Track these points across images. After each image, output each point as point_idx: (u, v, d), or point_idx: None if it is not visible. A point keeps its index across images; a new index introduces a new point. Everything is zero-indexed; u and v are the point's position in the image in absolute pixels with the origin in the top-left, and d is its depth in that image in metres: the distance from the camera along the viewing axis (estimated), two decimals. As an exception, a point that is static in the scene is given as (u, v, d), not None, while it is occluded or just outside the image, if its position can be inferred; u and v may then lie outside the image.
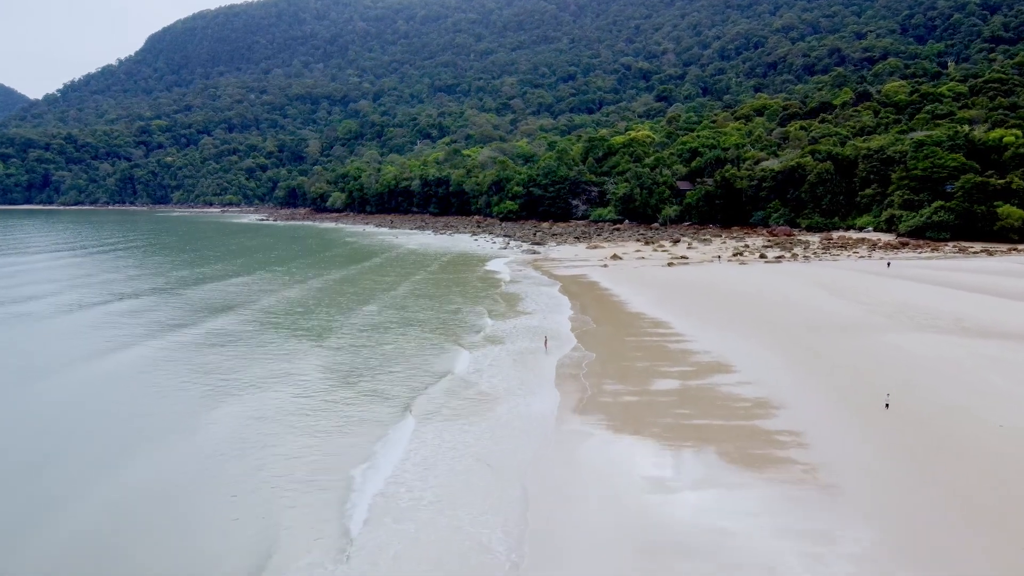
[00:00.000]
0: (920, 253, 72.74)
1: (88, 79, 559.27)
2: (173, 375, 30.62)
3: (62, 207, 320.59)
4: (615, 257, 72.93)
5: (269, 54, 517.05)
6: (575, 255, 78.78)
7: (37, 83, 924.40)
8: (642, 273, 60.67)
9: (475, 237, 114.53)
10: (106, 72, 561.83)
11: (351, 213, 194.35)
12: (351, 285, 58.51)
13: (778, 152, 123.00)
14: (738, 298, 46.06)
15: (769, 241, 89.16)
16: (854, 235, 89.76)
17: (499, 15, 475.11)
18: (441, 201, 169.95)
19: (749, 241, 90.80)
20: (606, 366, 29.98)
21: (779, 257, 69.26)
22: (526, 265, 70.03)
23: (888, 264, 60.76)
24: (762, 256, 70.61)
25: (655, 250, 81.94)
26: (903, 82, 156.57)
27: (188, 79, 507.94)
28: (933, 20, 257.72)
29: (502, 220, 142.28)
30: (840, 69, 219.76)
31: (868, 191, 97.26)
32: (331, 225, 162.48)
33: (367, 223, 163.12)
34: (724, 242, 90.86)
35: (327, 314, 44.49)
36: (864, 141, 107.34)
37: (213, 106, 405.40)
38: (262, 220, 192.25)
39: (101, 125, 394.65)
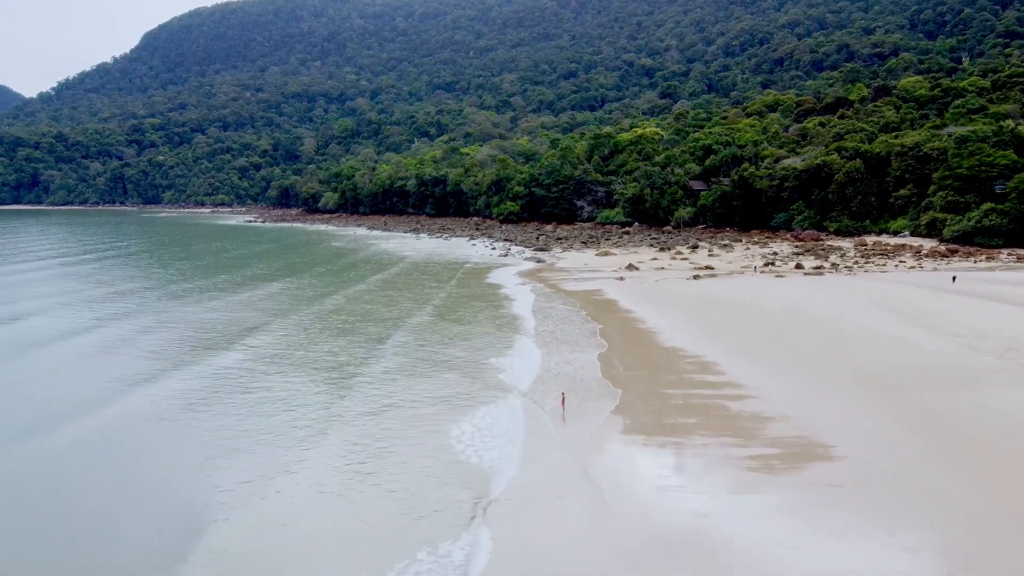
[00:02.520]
0: (975, 262, 64.35)
1: (83, 77, 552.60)
2: (146, 458, 22.27)
3: (51, 207, 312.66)
4: (631, 267, 64.52)
5: (266, 52, 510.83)
6: (584, 264, 70.37)
7: (34, 81, 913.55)
8: (666, 289, 52.21)
9: (473, 242, 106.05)
10: (101, 70, 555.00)
11: (344, 214, 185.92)
12: (344, 317, 50.12)
13: (798, 150, 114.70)
14: (792, 325, 37.66)
15: (797, 247, 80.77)
16: (891, 240, 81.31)
17: (499, 12, 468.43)
18: (438, 202, 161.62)
19: (776, 247, 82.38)
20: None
21: (818, 268, 60.83)
22: (532, 277, 61.51)
23: (953, 278, 52.23)
24: (798, 266, 62.19)
25: (673, 258, 73.55)
26: (919, 77, 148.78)
27: (184, 77, 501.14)
28: (943, 15, 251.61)
29: (502, 222, 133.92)
30: (850, 65, 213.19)
31: (903, 192, 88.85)
32: (321, 227, 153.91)
33: (359, 225, 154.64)
34: (748, 248, 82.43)
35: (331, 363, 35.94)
36: (895, 137, 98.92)
37: (208, 104, 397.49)
38: (250, 222, 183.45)
39: (94, 124, 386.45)
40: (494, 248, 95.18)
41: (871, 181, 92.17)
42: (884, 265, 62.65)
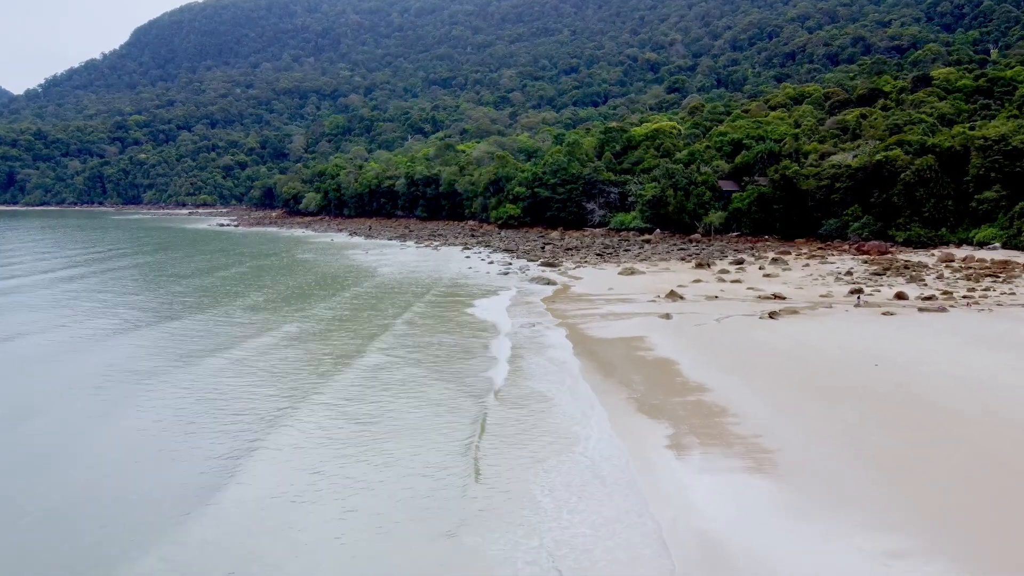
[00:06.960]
0: None
1: (71, 74, 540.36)
2: None
3: (26, 207, 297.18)
4: (673, 295, 48.45)
5: (258, 48, 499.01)
6: (608, 288, 54.39)
7: (25, 79, 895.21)
8: (738, 335, 36.24)
9: (467, 252, 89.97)
10: (89, 67, 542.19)
11: (326, 216, 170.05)
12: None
13: (840, 144, 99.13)
14: (1011, 436, 21.83)
15: (868, 262, 64.94)
16: (985, 255, 65.54)
17: (497, 7, 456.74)
18: (430, 203, 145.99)
19: (839, 262, 66.45)
20: None
21: (930, 299, 44.87)
22: (544, 312, 45.40)
23: None
24: (900, 296, 46.15)
25: (721, 279, 57.66)
26: (952, 68, 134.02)
27: (174, 74, 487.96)
28: (961, 7, 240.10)
29: (501, 227, 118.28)
30: (871, 57, 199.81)
31: (988, 194, 73.21)
32: (298, 233, 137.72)
33: (340, 229, 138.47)
34: (806, 264, 66.51)
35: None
36: (971, 128, 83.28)
37: (196, 101, 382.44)
38: (223, 225, 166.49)
39: (77, 121, 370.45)
40: (491, 261, 79.24)
41: (946, 181, 76.51)
42: (1013, 294, 46.80)
